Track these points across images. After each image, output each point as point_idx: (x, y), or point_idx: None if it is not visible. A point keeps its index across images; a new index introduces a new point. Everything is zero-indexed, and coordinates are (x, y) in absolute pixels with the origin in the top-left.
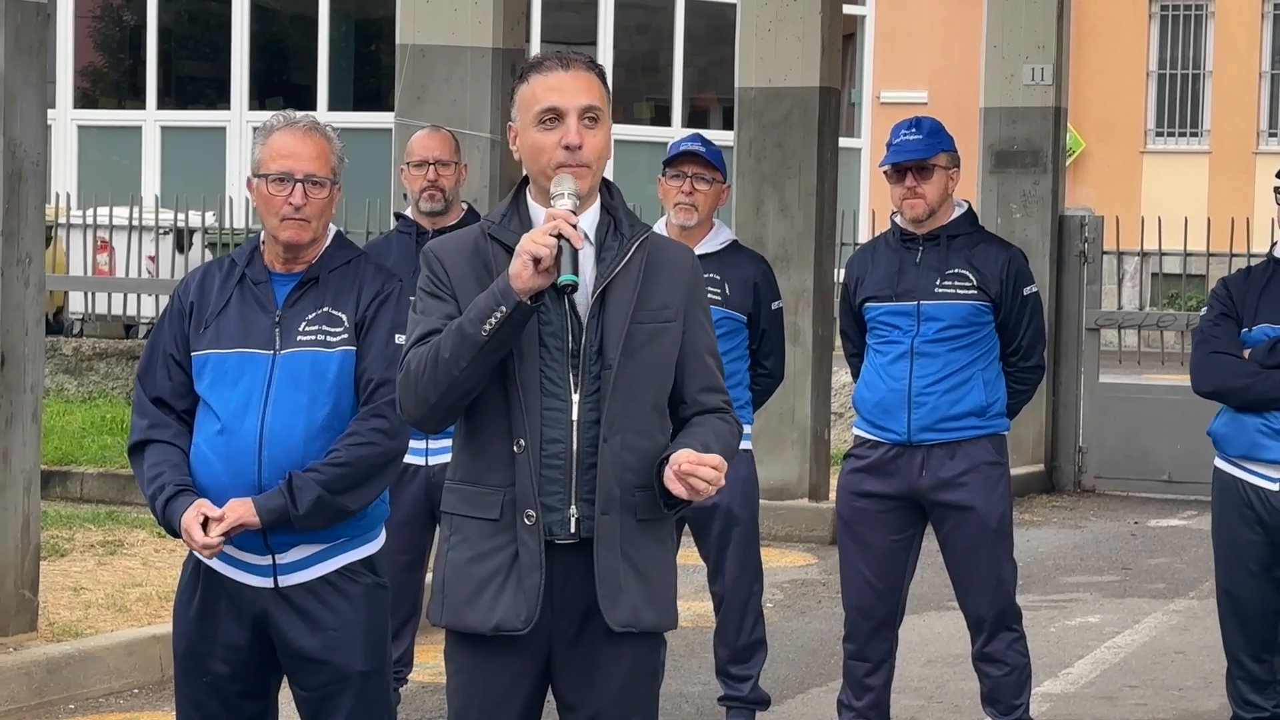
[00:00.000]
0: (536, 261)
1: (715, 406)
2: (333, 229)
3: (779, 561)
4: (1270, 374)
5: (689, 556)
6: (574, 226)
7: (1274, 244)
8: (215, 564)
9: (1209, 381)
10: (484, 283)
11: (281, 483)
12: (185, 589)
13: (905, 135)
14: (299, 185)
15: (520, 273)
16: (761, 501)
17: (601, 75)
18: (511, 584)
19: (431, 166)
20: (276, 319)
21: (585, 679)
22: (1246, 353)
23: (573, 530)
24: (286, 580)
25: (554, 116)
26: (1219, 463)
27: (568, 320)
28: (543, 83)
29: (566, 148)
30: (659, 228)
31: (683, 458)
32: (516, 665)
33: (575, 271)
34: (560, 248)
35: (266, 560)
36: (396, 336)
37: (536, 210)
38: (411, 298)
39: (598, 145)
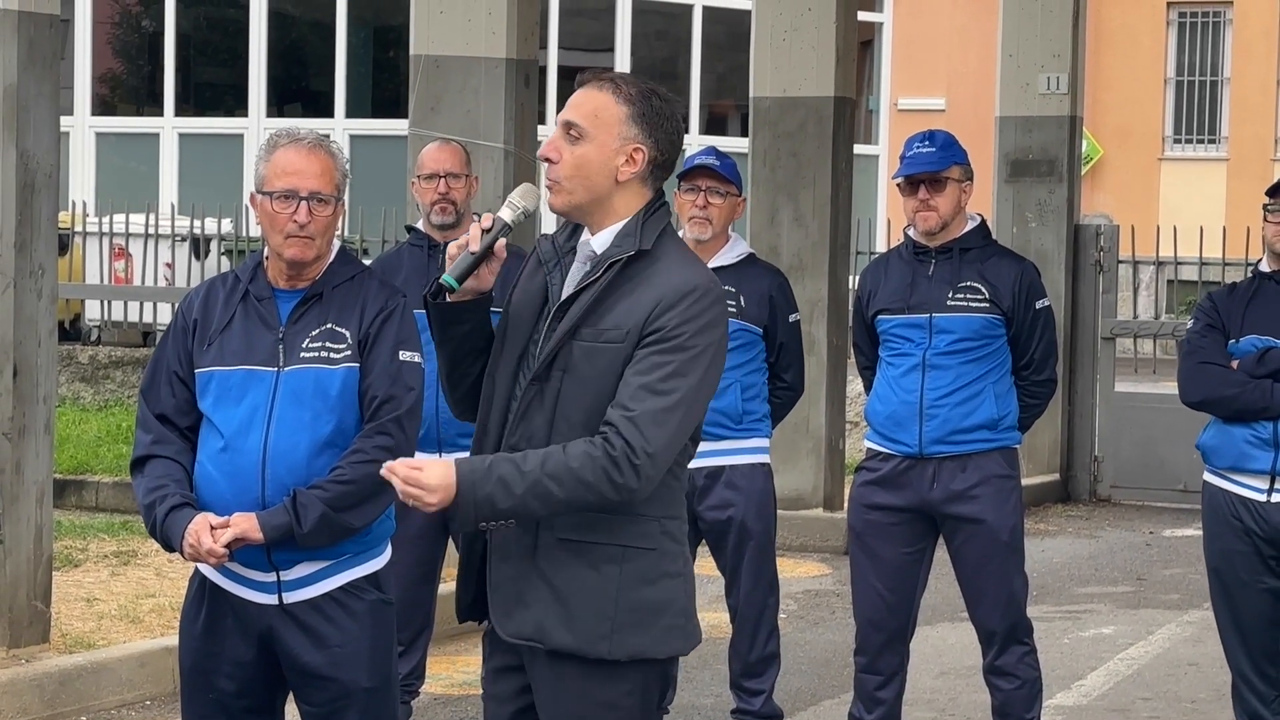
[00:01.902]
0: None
1: (606, 420)
2: (336, 244)
3: (793, 572)
4: (1259, 383)
5: (705, 568)
6: (487, 231)
7: (1258, 259)
8: (220, 580)
9: (1197, 391)
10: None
11: (286, 500)
12: (191, 605)
13: (918, 148)
14: (304, 203)
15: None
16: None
17: (617, 92)
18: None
19: (442, 179)
20: (280, 336)
21: (539, 693)
22: (1234, 363)
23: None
24: (291, 597)
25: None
26: (1208, 476)
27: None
28: None
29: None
30: None
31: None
32: (495, 660)
33: (461, 276)
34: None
35: (271, 577)
36: (400, 353)
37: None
38: (417, 311)
39: (569, 161)
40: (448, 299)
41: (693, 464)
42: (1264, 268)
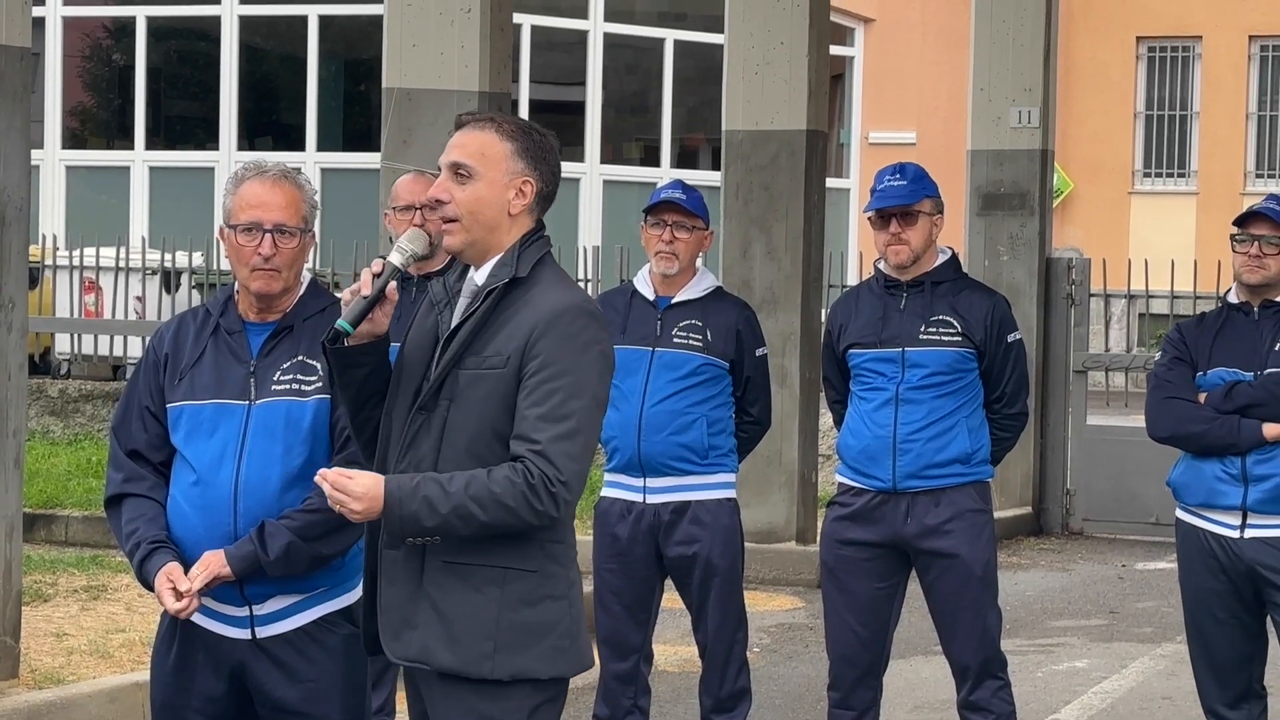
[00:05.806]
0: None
1: (515, 454)
2: (307, 276)
3: (766, 605)
4: (1226, 419)
5: (676, 600)
6: (378, 275)
7: (1227, 290)
8: (192, 615)
9: (1165, 427)
10: None
11: (253, 531)
12: (162, 640)
13: (889, 181)
14: (268, 235)
15: None
16: (748, 545)
17: (499, 129)
18: None
19: (417, 212)
20: (251, 369)
21: (432, 712)
22: (1202, 397)
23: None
24: (264, 631)
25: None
26: (1180, 514)
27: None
28: None
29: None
30: (642, 275)
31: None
32: (419, 705)
33: (355, 320)
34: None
35: (244, 611)
36: None
37: None
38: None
39: (464, 200)
40: (345, 343)
41: (658, 499)
42: (1232, 299)
